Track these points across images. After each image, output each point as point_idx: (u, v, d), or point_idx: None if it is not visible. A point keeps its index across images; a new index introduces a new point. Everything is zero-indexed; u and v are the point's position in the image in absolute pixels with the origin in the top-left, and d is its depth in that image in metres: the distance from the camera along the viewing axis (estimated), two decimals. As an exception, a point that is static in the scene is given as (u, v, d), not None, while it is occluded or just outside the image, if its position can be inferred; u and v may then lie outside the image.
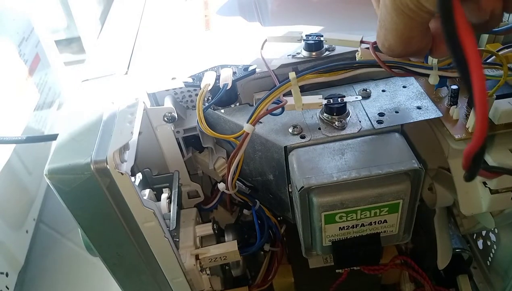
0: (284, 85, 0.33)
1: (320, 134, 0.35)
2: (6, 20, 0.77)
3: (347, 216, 0.33)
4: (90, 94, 0.39)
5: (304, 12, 0.50)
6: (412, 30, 0.27)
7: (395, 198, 0.32)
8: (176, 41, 0.48)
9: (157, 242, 0.35)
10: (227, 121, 0.39)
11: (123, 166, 0.30)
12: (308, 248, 0.37)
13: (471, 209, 0.37)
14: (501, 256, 0.49)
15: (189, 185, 0.44)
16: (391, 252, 0.49)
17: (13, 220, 0.70)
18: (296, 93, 0.34)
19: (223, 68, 0.39)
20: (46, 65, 0.89)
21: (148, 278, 0.38)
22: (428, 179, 0.43)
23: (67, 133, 0.33)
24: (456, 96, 0.36)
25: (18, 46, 0.78)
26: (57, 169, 0.30)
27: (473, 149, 0.21)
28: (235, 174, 0.37)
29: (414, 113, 0.35)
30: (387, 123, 0.34)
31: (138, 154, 0.40)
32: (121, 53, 0.45)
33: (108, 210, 0.32)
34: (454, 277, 0.50)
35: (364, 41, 0.38)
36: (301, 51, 0.40)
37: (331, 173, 0.32)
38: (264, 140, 0.36)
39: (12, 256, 0.68)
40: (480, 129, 0.20)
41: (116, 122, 0.33)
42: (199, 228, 0.42)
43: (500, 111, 0.32)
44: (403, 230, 0.35)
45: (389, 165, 0.31)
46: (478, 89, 0.19)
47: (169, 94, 0.41)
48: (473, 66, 0.19)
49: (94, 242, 0.35)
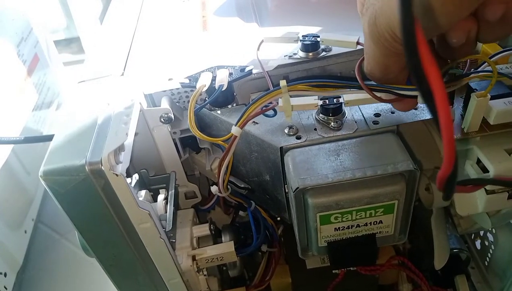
0: (274, 92, 0.33)
1: (316, 135, 0.35)
2: (5, 20, 0.77)
3: (343, 216, 0.33)
4: (86, 95, 0.39)
5: (301, 13, 0.50)
6: (388, 58, 0.27)
7: (390, 198, 0.32)
8: (173, 42, 0.48)
9: (153, 243, 0.35)
10: (223, 122, 0.39)
11: (118, 167, 0.31)
12: (304, 249, 0.37)
13: (467, 210, 0.37)
14: (499, 256, 0.49)
15: (186, 186, 0.44)
16: (388, 252, 0.49)
17: (12, 220, 0.70)
18: (286, 102, 0.34)
19: (220, 69, 0.39)
20: (45, 66, 0.89)
21: (144, 279, 0.38)
22: (425, 179, 0.43)
23: (62, 135, 0.33)
24: (452, 96, 0.35)
25: (17, 46, 0.78)
26: (52, 171, 0.30)
27: (444, 175, 0.22)
28: (225, 176, 0.38)
29: (410, 113, 0.35)
30: (383, 124, 0.34)
31: (134, 155, 0.40)
32: (118, 54, 0.45)
33: (104, 211, 0.32)
34: (452, 277, 0.50)
35: (360, 42, 0.38)
36: (297, 52, 0.40)
37: (327, 173, 0.32)
38: (260, 141, 0.36)
39: (11, 256, 0.68)
40: (448, 157, 0.21)
41: (111, 123, 0.33)
42: (196, 229, 0.41)
43: (496, 111, 0.32)
44: (398, 231, 0.35)
45: (384, 165, 0.31)
46: (443, 119, 0.20)
47: (166, 95, 0.41)
48: (438, 98, 0.19)
49: (90, 243, 0.35)
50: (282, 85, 0.33)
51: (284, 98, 0.33)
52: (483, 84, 0.33)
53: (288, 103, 0.34)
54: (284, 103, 0.34)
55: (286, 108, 0.34)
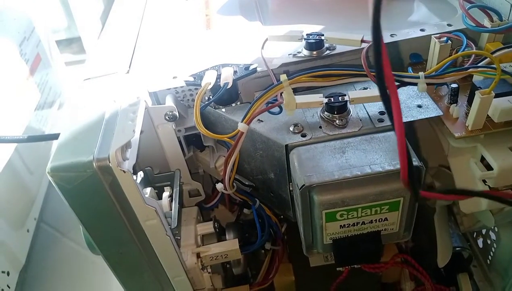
0: (277, 86, 0.33)
1: (321, 132, 0.35)
2: (7, 19, 0.77)
3: (348, 214, 0.33)
4: (92, 92, 0.39)
5: (305, 11, 0.51)
6: None
7: (396, 196, 0.32)
8: (177, 40, 0.48)
9: (159, 240, 0.36)
10: (228, 120, 0.39)
11: (125, 164, 0.31)
12: (309, 246, 0.37)
13: (470, 207, 0.37)
14: (501, 255, 0.50)
15: (190, 184, 0.44)
16: (391, 250, 0.49)
17: (14, 219, 0.70)
18: (289, 95, 0.34)
19: (224, 67, 0.39)
20: (47, 65, 0.89)
21: (149, 276, 0.39)
22: (429, 177, 0.44)
23: (69, 132, 0.33)
24: (456, 94, 0.36)
25: (19, 46, 0.78)
26: (60, 167, 0.30)
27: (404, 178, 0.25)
28: (232, 174, 0.38)
29: (414, 111, 0.35)
30: (388, 122, 0.35)
31: (139, 153, 0.40)
32: (123, 52, 0.45)
33: (110, 207, 0.32)
34: (454, 276, 0.51)
35: (365, 40, 0.38)
36: (302, 50, 0.41)
37: (332, 171, 0.32)
38: (265, 138, 0.36)
39: (13, 255, 0.68)
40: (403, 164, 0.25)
41: (118, 120, 0.33)
42: (200, 227, 0.42)
43: (500, 109, 0.32)
44: (403, 228, 0.35)
45: (390, 163, 0.31)
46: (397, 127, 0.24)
47: (171, 93, 0.41)
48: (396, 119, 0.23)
49: (96, 240, 0.35)
50: (283, 79, 0.33)
51: (287, 91, 0.33)
52: (488, 82, 0.33)
53: (291, 96, 0.34)
54: (287, 97, 0.34)
55: (289, 102, 0.34)
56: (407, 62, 0.42)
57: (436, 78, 0.34)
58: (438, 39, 0.37)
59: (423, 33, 0.41)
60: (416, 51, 0.41)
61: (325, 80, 0.34)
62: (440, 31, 0.40)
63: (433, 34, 0.38)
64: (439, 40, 0.37)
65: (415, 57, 0.41)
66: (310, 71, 0.34)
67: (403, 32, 0.41)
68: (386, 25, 0.44)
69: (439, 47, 0.37)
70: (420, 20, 0.46)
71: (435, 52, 0.38)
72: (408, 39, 0.41)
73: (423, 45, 0.40)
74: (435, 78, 0.34)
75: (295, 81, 0.34)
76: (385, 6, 0.21)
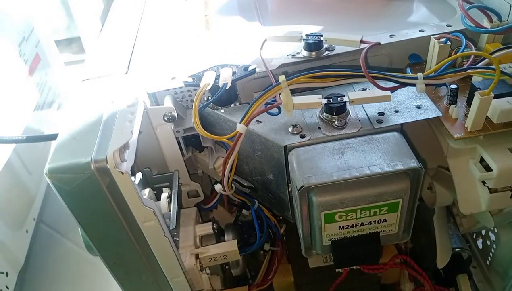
0: (275, 87, 0.33)
1: (320, 133, 0.35)
2: (7, 20, 0.77)
3: (347, 215, 0.33)
4: (90, 93, 0.39)
5: (304, 12, 0.51)
6: None
7: (395, 197, 0.32)
8: (176, 41, 0.48)
9: (157, 241, 0.35)
10: (226, 120, 0.39)
11: (123, 165, 0.31)
12: (308, 248, 0.37)
13: (470, 208, 0.37)
14: (501, 256, 0.50)
15: (189, 185, 0.44)
16: (390, 251, 0.49)
17: (13, 220, 0.70)
18: (287, 96, 0.34)
19: (223, 67, 0.39)
20: (46, 65, 0.89)
21: (148, 278, 0.38)
22: (428, 178, 0.43)
23: (67, 133, 0.33)
24: (455, 95, 0.36)
25: (18, 46, 0.78)
26: (58, 168, 0.30)
27: None
28: (230, 175, 0.38)
29: (413, 112, 0.35)
30: (387, 123, 0.34)
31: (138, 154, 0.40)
32: (121, 52, 0.45)
33: (108, 209, 0.32)
34: (453, 277, 0.51)
35: (364, 41, 0.38)
36: (301, 51, 0.40)
37: (331, 172, 0.32)
38: (264, 139, 0.36)
39: (12, 256, 0.68)
40: None
41: (116, 121, 0.33)
42: (199, 228, 0.42)
43: (499, 110, 0.32)
44: (402, 229, 0.35)
45: (389, 164, 0.31)
46: None
47: (169, 93, 0.41)
48: None
49: (94, 241, 0.35)
50: (281, 80, 0.33)
51: (285, 92, 0.33)
52: (487, 83, 0.33)
53: (289, 97, 0.33)
54: (285, 98, 0.34)
55: (287, 103, 0.34)
56: (406, 63, 0.42)
57: (435, 79, 0.34)
58: (437, 39, 0.37)
59: (423, 33, 0.41)
60: (415, 52, 0.41)
61: (324, 81, 0.34)
62: (439, 31, 0.40)
63: (433, 35, 0.38)
64: (439, 41, 0.37)
65: (414, 58, 0.41)
66: (309, 72, 0.34)
67: (403, 32, 0.41)
68: (386, 26, 0.44)
69: (438, 47, 0.37)
70: (420, 20, 0.46)
71: (434, 53, 0.38)
72: (407, 40, 0.41)
73: (422, 45, 0.40)
74: (434, 79, 0.34)
75: (294, 82, 0.34)
76: (384, 7, 0.21)
